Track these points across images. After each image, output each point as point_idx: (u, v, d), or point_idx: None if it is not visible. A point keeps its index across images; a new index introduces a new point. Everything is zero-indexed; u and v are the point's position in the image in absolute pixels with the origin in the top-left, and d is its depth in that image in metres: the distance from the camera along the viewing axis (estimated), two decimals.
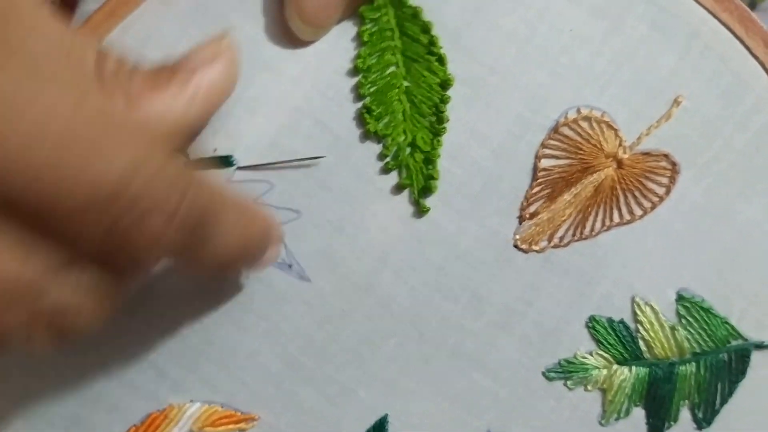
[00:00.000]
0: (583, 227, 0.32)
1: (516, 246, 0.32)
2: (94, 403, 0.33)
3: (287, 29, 0.32)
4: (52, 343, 0.22)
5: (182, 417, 0.33)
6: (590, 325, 0.32)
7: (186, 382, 0.33)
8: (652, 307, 0.32)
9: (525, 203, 0.32)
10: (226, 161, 0.32)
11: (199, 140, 0.32)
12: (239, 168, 0.32)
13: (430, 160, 0.32)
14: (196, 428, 0.33)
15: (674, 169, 0.32)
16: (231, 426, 0.33)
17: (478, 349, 0.33)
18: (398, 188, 0.32)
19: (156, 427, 0.33)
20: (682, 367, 0.32)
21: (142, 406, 0.33)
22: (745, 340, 0.32)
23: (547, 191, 0.32)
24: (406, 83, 0.32)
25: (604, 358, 0.32)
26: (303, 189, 0.33)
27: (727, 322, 0.32)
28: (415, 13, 0.32)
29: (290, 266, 0.33)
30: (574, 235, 0.32)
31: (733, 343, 0.32)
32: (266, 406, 0.33)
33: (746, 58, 0.31)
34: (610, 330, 0.32)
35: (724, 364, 0.32)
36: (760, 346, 0.32)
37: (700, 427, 0.32)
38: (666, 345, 0.32)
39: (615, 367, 0.32)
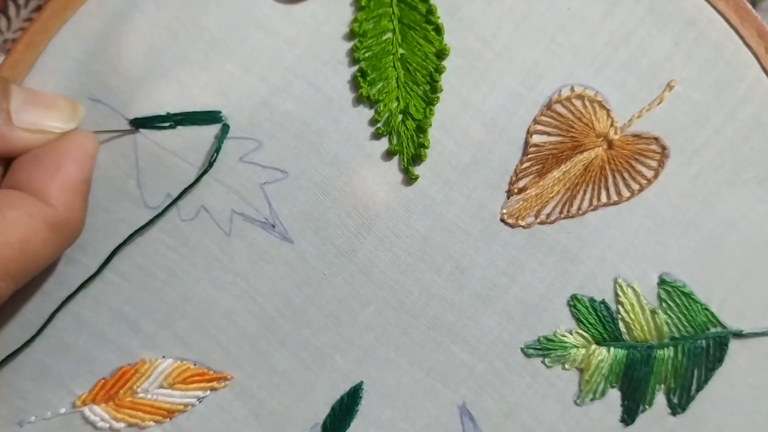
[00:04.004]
0: (571, 205, 0.32)
1: (502, 220, 0.32)
2: (63, 353, 0.32)
3: None
4: None
5: (153, 372, 0.32)
6: (572, 303, 0.32)
7: (159, 338, 0.32)
8: (634, 289, 0.32)
9: (514, 178, 0.32)
10: (212, 117, 0.32)
11: (179, 91, 0.32)
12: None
13: (421, 128, 0.32)
14: (166, 384, 0.32)
15: (664, 153, 0.32)
16: (203, 384, 0.32)
17: (458, 321, 0.32)
18: (388, 154, 0.32)
19: (126, 381, 0.32)
20: (660, 351, 0.32)
21: (113, 360, 0.32)
22: (724, 327, 0.32)
23: (536, 167, 0.32)
24: (401, 50, 0.32)
25: (584, 338, 0.32)
26: (291, 150, 0.32)
27: (707, 309, 0.32)
28: None
29: (273, 226, 0.32)
30: (561, 212, 0.32)
31: (712, 330, 0.32)
32: (239, 367, 0.32)
33: (740, 48, 0.32)
34: (591, 309, 0.32)
35: (702, 351, 0.32)
36: (738, 335, 0.32)
37: (674, 413, 0.32)
38: (645, 328, 0.32)
39: (593, 347, 0.32)
